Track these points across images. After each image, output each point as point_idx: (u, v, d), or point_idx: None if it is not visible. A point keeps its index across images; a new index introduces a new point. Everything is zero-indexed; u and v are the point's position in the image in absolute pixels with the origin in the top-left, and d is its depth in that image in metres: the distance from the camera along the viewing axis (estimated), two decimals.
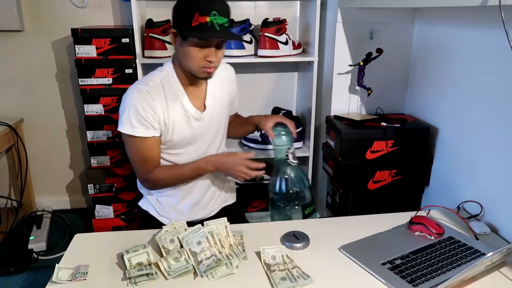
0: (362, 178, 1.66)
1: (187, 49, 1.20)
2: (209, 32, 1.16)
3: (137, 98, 1.25)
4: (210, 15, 1.13)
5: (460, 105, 1.49)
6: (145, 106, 1.25)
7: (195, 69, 1.24)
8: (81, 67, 1.96)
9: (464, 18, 1.46)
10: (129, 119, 1.25)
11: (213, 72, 1.25)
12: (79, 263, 1.05)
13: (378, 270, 1.03)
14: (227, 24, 1.19)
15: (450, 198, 1.50)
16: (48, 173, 2.51)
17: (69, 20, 2.20)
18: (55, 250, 2.12)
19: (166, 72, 1.32)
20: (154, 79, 1.30)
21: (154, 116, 1.27)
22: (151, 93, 1.26)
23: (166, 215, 1.45)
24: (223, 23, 1.17)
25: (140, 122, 1.26)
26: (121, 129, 1.28)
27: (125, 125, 1.27)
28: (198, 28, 1.15)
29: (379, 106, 1.87)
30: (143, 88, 1.26)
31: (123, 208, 2.13)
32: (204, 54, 1.20)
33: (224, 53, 1.26)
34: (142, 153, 1.31)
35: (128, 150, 1.33)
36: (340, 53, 1.84)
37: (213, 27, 1.15)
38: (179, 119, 1.32)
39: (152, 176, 1.33)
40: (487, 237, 1.22)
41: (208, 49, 1.20)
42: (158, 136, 1.31)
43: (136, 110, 1.24)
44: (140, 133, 1.27)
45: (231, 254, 1.05)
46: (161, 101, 1.28)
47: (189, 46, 1.20)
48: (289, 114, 2.20)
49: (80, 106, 2.26)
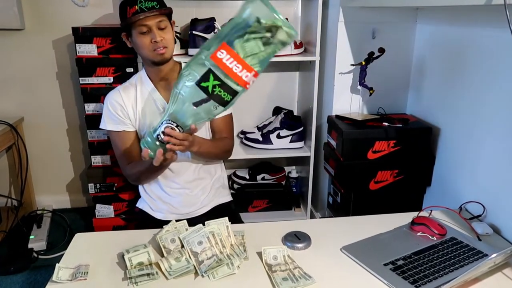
0: (363, 178, 1.66)
1: (135, 40, 1.35)
2: (141, 14, 1.30)
3: (109, 98, 1.43)
4: (137, 3, 1.30)
5: (463, 105, 1.48)
6: (114, 103, 1.41)
7: (149, 55, 1.35)
8: (82, 66, 1.95)
9: (467, 17, 1.45)
10: (104, 116, 1.44)
11: (165, 52, 1.35)
12: (79, 262, 1.04)
13: (380, 271, 1.02)
14: (158, 6, 1.32)
15: (452, 198, 1.50)
16: (48, 172, 2.51)
17: (70, 19, 2.19)
18: (55, 249, 2.11)
19: (139, 73, 1.48)
20: (130, 81, 1.48)
21: (123, 112, 1.41)
22: (121, 92, 1.43)
23: (158, 209, 1.50)
24: (152, 6, 1.31)
25: (111, 118, 1.42)
26: (101, 126, 1.45)
27: (103, 122, 1.45)
28: (132, 17, 1.31)
29: (381, 106, 1.86)
30: (117, 88, 1.45)
31: (123, 207, 2.12)
32: (149, 38, 1.33)
33: (171, 36, 1.37)
34: (118, 148, 1.45)
35: (113, 147, 1.48)
36: (342, 52, 1.84)
37: (143, 11, 1.30)
38: (153, 114, 1.41)
39: (126, 171, 1.46)
40: (489, 238, 1.21)
41: (151, 33, 1.33)
42: (131, 131, 1.44)
43: (108, 108, 1.42)
44: (111, 127, 1.43)
45: (232, 254, 1.05)
46: (130, 97, 1.42)
47: (135, 37, 1.34)
48: (290, 114, 2.19)
49: (80, 105, 2.25)
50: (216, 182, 1.56)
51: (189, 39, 1.94)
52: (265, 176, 2.31)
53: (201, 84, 1.01)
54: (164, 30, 1.34)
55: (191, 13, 2.10)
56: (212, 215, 1.19)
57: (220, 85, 1.01)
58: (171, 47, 1.37)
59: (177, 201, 1.48)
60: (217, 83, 1.00)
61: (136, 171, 1.42)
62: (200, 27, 1.92)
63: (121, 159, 1.46)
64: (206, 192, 1.52)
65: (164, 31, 1.34)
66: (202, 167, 1.50)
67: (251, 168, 2.32)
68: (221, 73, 1.00)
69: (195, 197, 1.49)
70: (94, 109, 2.02)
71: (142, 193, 1.54)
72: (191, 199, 1.49)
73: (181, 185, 1.47)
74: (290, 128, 2.11)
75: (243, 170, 2.33)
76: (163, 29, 1.34)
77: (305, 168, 2.23)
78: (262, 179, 2.31)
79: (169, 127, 1.08)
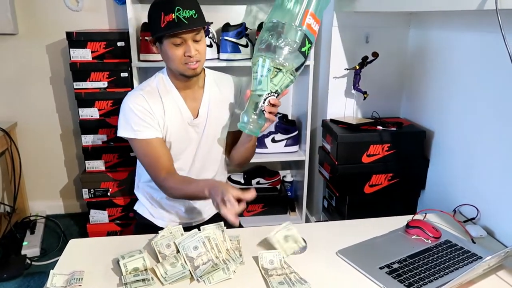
0: (358, 181, 1.66)
1: (166, 50, 1.24)
2: (177, 27, 1.19)
3: (132, 102, 1.28)
4: (175, 11, 1.17)
5: (456, 108, 1.49)
6: (141, 109, 1.27)
7: (179, 68, 1.25)
8: (76, 70, 1.95)
9: (460, 22, 1.47)
10: (129, 124, 1.28)
11: (197, 67, 1.26)
12: (74, 269, 1.03)
13: (376, 274, 1.03)
14: (196, 15, 1.21)
15: (446, 201, 1.50)
16: (42, 178, 2.49)
17: (64, 24, 2.18)
18: (49, 255, 2.09)
19: (160, 77, 1.35)
20: (150, 84, 1.34)
21: (152, 118, 1.28)
22: (146, 97, 1.29)
23: (160, 217, 1.46)
24: (191, 15, 1.19)
25: (140, 125, 1.27)
26: (121, 134, 1.30)
27: (126, 130, 1.29)
28: (167, 27, 1.19)
29: (375, 109, 1.87)
30: (139, 93, 1.30)
31: (118, 213, 2.11)
32: (182, 51, 1.23)
33: (205, 47, 1.28)
34: (149, 156, 1.30)
35: (138, 156, 1.34)
36: (336, 57, 1.85)
37: (181, 21, 1.18)
38: (175, 122, 1.33)
39: (165, 183, 1.30)
40: (483, 241, 1.22)
41: (185, 45, 1.22)
42: (161, 137, 1.32)
43: (135, 114, 1.27)
44: (142, 135, 1.28)
45: (228, 259, 1.05)
46: (157, 104, 1.30)
47: (167, 47, 1.23)
48: (285, 118, 2.20)
49: (74, 110, 2.24)
50: None
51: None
52: (260, 180, 2.31)
53: (301, 50, 1.15)
54: (198, 42, 1.24)
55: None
56: (214, 222, 1.17)
57: (311, 46, 1.17)
58: (203, 60, 1.28)
59: (180, 210, 1.45)
60: (309, 46, 1.17)
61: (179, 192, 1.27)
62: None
63: (155, 168, 1.29)
64: (211, 203, 1.48)
65: (198, 43, 1.24)
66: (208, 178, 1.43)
67: (246, 173, 2.32)
68: (311, 36, 1.17)
69: (199, 207, 1.46)
70: (88, 114, 2.01)
71: (141, 198, 1.49)
72: (195, 210, 1.46)
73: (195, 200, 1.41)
74: (285, 132, 2.12)
75: (238, 175, 2.33)
76: (198, 41, 1.24)
77: (300, 172, 2.24)
78: (257, 183, 2.31)
79: (273, 98, 1.17)
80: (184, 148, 1.37)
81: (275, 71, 1.15)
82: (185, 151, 1.38)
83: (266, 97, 1.16)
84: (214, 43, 1.98)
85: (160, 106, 1.30)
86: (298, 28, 1.14)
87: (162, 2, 1.21)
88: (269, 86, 1.16)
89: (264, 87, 1.16)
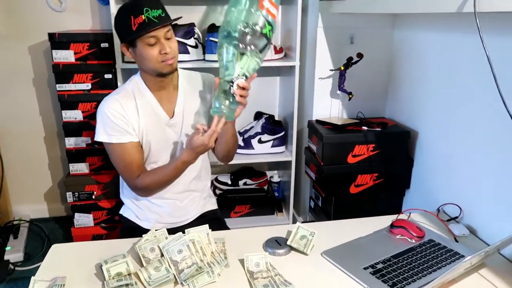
0: (344, 182, 1.67)
1: (141, 52, 1.26)
2: (150, 26, 1.22)
3: (108, 107, 1.31)
4: (144, 13, 1.21)
5: (439, 108, 1.51)
6: (116, 113, 1.30)
7: (156, 66, 1.28)
8: (59, 72, 1.92)
9: (441, 23, 1.49)
10: (104, 128, 1.32)
11: (174, 62, 1.29)
12: (56, 274, 1.02)
13: (360, 275, 1.03)
14: (163, 14, 1.25)
15: (430, 201, 1.52)
16: (25, 181, 2.44)
17: (46, 24, 2.14)
18: (32, 260, 2.06)
19: (135, 81, 1.38)
20: (125, 88, 1.37)
21: (127, 123, 1.32)
22: (121, 101, 1.32)
23: (146, 219, 1.47)
24: (159, 14, 1.23)
25: (115, 129, 1.31)
26: (98, 138, 1.34)
27: (101, 134, 1.33)
28: (139, 28, 1.22)
29: (360, 110, 1.88)
30: (114, 97, 1.33)
31: (103, 216, 2.09)
32: (157, 50, 1.25)
33: (176, 44, 1.31)
34: (124, 160, 1.35)
35: (112, 160, 1.37)
36: (322, 57, 1.85)
37: (151, 21, 1.21)
38: (152, 124, 1.36)
39: (139, 183, 1.35)
40: (466, 239, 1.24)
41: (159, 44, 1.25)
42: (136, 141, 1.34)
43: (109, 119, 1.30)
44: (116, 139, 1.32)
45: (213, 262, 1.04)
46: (131, 108, 1.33)
47: (141, 49, 1.26)
48: (272, 119, 2.20)
49: (58, 112, 2.21)
50: (205, 192, 1.54)
51: None
52: (247, 181, 2.31)
53: (262, 32, 1.15)
54: (171, 40, 1.28)
55: None
56: (199, 222, 1.18)
57: (272, 28, 1.18)
58: (177, 56, 1.32)
59: (165, 211, 1.45)
60: (270, 28, 1.17)
61: (156, 178, 1.34)
62: (180, 33, 1.91)
63: (129, 172, 1.35)
64: (196, 202, 1.50)
65: (170, 41, 1.28)
66: (193, 179, 1.45)
67: (233, 174, 2.31)
68: (270, 18, 1.17)
69: (184, 208, 1.47)
70: (72, 116, 1.98)
71: (127, 201, 1.49)
72: (180, 210, 1.46)
73: (171, 196, 1.43)
74: (272, 133, 2.12)
75: (225, 176, 2.32)
76: (169, 38, 1.27)
77: (287, 173, 2.24)
78: (244, 184, 2.31)
79: (242, 81, 1.17)
80: (164, 148, 1.40)
81: (240, 54, 1.16)
82: (165, 151, 1.40)
83: (234, 80, 1.17)
84: (200, 44, 1.97)
85: (134, 109, 1.33)
86: (257, 12, 1.15)
87: (128, 6, 1.25)
88: (236, 70, 1.17)
89: (231, 72, 1.17)
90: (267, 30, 1.16)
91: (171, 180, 1.37)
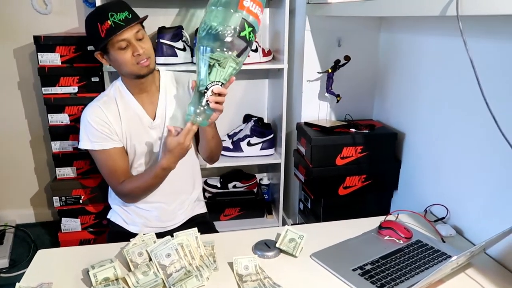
0: (332, 184, 1.68)
1: (115, 57, 1.27)
2: (117, 29, 1.22)
3: (90, 115, 1.32)
4: (109, 18, 1.21)
5: (425, 110, 1.53)
6: (98, 120, 1.31)
7: (132, 69, 1.28)
8: (45, 75, 1.89)
9: (426, 26, 1.51)
10: (87, 135, 1.33)
11: (149, 63, 1.29)
12: (42, 280, 1.00)
13: (349, 276, 1.04)
14: (130, 15, 1.25)
15: (417, 201, 1.54)
16: (11, 186, 2.40)
17: (31, 27, 2.12)
18: (18, 266, 2.02)
19: (117, 86, 1.38)
20: (107, 94, 1.38)
21: (109, 129, 1.33)
22: (102, 107, 1.33)
23: (133, 223, 1.46)
24: (125, 16, 1.23)
25: (97, 136, 1.32)
26: (81, 146, 1.35)
27: (84, 141, 1.34)
28: (107, 34, 1.22)
29: (348, 112, 1.90)
30: (96, 104, 1.34)
31: (91, 220, 2.06)
32: (130, 53, 1.25)
33: (150, 44, 1.30)
34: (108, 166, 1.35)
35: (98, 166, 1.37)
36: (309, 60, 1.86)
37: (118, 24, 1.22)
38: (135, 127, 1.36)
39: (123, 189, 1.35)
40: (453, 239, 1.25)
41: (131, 46, 1.25)
42: (120, 147, 1.35)
43: (91, 126, 1.31)
44: (99, 146, 1.33)
45: (202, 266, 1.04)
46: (113, 113, 1.34)
47: (115, 54, 1.26)
48: (260, 121, 2.20)
49: (44, 115, 2.18)
50: (194, 196, 1.53)
51: (157, 48, 1.92)
52: (237, 184, 2.30)
53: (241, 35, 1.11)
54: (142, 40, 1.28)
55: (158, 21, 2.07)
56: (188, 226, 1.17)
57: (252, 30, 1.13)
58: (153, 56, 1.31)
59: (153, 215, 1.44)
60: (250, 29, 1.12)
61: (137, 185, 1.33)
62: (168, 35, 1.91)
63: (113, 178, 1.35)
64: (184, 206, 1.49)
65: (143, 41, 1.27)
66: (180, 180, 1.44)
67: (222, 176, 2.31)
68: (252, 19, 1.12)
69: (172, 212, 1.46)
70: (58, 120, 1.95)
71: (114, 206, 1.48)
72: (168, 214, 1.46)
73: (158, 199, 1.42)
74: (261, 135, 2.12)
75: (214, 179, 2.31)
76: (141, 39, 1.27)
77: (276, 175, 2.24)
78: (233, 187, 2.30)
79: (217, 87, 1.14)
80: (150, 151, 1.40)
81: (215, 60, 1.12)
82: (150, 154, 1.40)
83: (209, 87, 1.14)
84: (188, 47, 1.96)
85: (117, 114, 1.34)
86: (236, 13, 1.09)
87: (94, 14, 1.26)
88: (211, 76, 1.13)
89: (204, 79, 1.14)
90: (246, 33, 1.11)
91: (154, 187, 1.36)
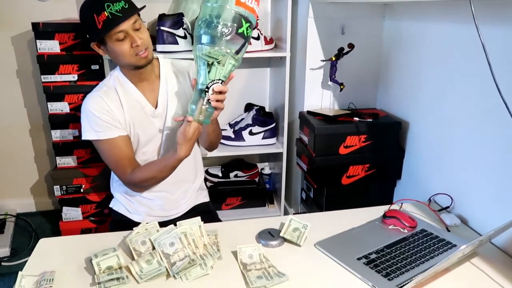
0: (336, 173, 1.67)
1: (113, 49, 1.24)
2: (115, 22, 1.18)
3: (91, 104, 1.29)
4: (106, 9, 1.17)
5: (430, 99, 1.51)
6: (100, 109, 1.29)
7: (131, 60, 1.25)
8: (44, 63, 1.86)
9: (433, 12, 1.48)
10: (90, 126, 1.30)
11: (148, 54, 1.26)
12: (44, 269, 1.00)
13: (354, 265, 1.03)
14: (127, 5, 1.21)
15: (421, 191, 1.53)
16: (11, 175, 2.39)
17: (30, 14, 2.09)
18: (19, 255, 2.02)
19: (115, 75, 1.35)
20: (106, 84, 1.35)
21: (113, 117, 1.30)
22: (103, 96, 1.30)
23: (136, 212, 1.45)
24: (122, 7, 1.19)
25: (102, 125, 1.29)
26: (86, 137, 1.32)
27: (88, 132, 1.31)
28: (105, 26, 1.18)
29: (351, 101, 1.88)
30: (96, 94, 1.31)
31: (92, 209, 2.05)
32: (129, 44, 1.23)
33: (147, 33, 1.27)
34: (114, 156, 1.32)
35: (103, 157, 1.35)
36: (312, 48, 1.84)
37: (115, 16, 1.18)
38: (138, 116, 1.34)
39: (132, 179, 1.33)
40: (457, 229, 1.24)
41: (129, 37, 1.22)
42: (125, 135, 1.33)
43: (94, 115, 1.28)
44: (105, 135, 1.30)
45: (206, 254, 1.03)
46: (115, 103, 1.31)
47: (113, 46, 1.23)
48: (262, 110, 2.18)
49: (43, 104, 2.16)
50: (197, 185, 1.53)
51: (157, 35, 1.89)
52: (238, 173, 2.29)
53: (238, 32, 1.08)
54: (140, 30, 1.25)
55: (156, 8, 2.04)
56: (191, 215, 1.16)
57: (250, 25, 1.10)
58: (151, 46, 1.29)
59: (156, 204, 1.43)
60: (247, 25, 1.09)
61: (151, 175, 1.31)
62: (168, 23, 1.88)
63: (120, 167, 1.33)
64: (188, 195, 1.48)
65: (140, 31, 1.24)
66: (183, 169, 1.41)
67: (223, 166, 2.30)
68: (248, 14, 1.09)
69: (175, 201, 1.45)
70: (58, 108, 1.93)
71: (117, 195, 1.47)
72: (172, 203, 1.45)
73: (162, 188, 1.41)
74: (262, 124, 2.10)
75: (216, 168, 2.30)
76: (138, 29, 1.24)
77: (278, 164, 2.23)
78: (235, 176, 2.29)
79: (218, 85, 1.13)
80: (153, 139, 1.38)
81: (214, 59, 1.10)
82: (153, 142, 1.39)
83: (210, 85, 1.12)
84: (189, 34, 1.93)
85: (118, 104, 1.31)
86: (233, 10, 1.07)
87: (89, 4, 1.22)
88: (211, 75, 1.12)
89: (204, 79, 1.12)
90: (243, 29, 1.09)
91: (165, 177, 1.34)
